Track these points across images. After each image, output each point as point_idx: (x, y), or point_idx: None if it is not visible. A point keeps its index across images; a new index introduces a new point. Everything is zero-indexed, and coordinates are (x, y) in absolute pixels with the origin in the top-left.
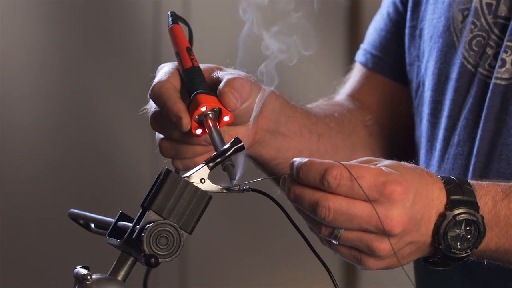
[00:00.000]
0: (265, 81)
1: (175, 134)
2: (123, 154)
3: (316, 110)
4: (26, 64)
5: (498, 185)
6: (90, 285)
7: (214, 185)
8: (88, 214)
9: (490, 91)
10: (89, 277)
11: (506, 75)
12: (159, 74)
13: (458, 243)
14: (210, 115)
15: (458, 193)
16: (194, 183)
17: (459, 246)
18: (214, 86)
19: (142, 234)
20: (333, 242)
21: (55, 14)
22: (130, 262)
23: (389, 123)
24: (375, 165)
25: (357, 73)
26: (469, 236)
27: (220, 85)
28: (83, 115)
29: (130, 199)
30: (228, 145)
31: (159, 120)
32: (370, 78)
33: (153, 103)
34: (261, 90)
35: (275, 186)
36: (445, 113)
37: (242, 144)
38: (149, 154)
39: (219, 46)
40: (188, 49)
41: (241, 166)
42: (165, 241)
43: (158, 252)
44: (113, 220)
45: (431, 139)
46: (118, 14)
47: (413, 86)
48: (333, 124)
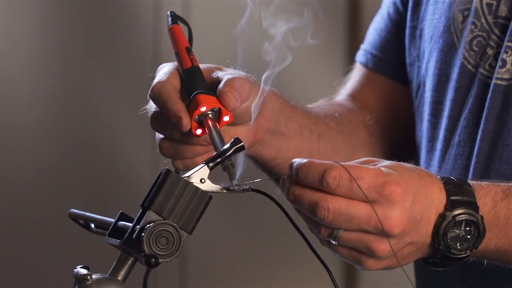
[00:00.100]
0: (273, 62)
1: (175, 134)
2: (123, 154)
3: (316, 110)
4: (26, 64)
5: (498, 185)
6: (90, 285)
7: (214, 185)
8: (88, 214)
9: (490, 92)
10: (89, 277)
11: (506, 76)
12: (159, 74)
13: (458, 244)
14: (210, 115)
15: (458, 193)
16: (194, 183)
17: (459, 247)
18: (214, 86)
19: (142, 234)
20: (332, 242)
21: (55, 14)
22: (130, 262)
23: (389, 124)
24: (375, 165)
25: (357, 73)
26: (468, 236)
27: (219, 85)
28: (83, 115)
29: (130, 199)
30: (228, 145)
31: (159, 120)
32: (371, 78)
33: (153, 103)
34: (261, 90)
35: (275, 186)
36: (445, 113)
37: (242, 144)
38: (149, 154)
39: (219, 46)
40: (187, 49)
41: (241, 166)
42: (165, 241)
43: (158, 252)
44: (113, 220)
45: (432, 140)
46: (118, 14)
47: (413, 86)
48: (333, 124)
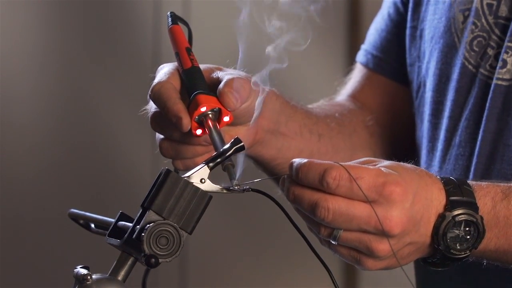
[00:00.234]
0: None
1: (175, 135)
2: (123, 154)
3: (316, 110)
4: (26, 64)
5: (498, 185)
6: (90, 285)
7: (214, 185)
8: (88, 214)
9: (491, 92)
10: (89, 277)
11: (507, 76)
12: (159, 74)
13: (458, 244)
14: (210, 115)
15: (458, 193)
16: (194, 183)
17: (459, 247)
18: (214, 86)
19: (142, 234)
20: (332, 242)
21: (55, 14)
22: (130, 262)
23: (390, 124)
24: (375, 165)
25: (358, 73)
26: (468, 236)
27: (220, 85)
28: (83, 115)
29: (130, 199)
30: (228, 145)
31: (159, 120)
32: (371, 78)
33: (153, 104)
34: (261, 90)
35: (275, 186)
36: (446, 113)
37: (242, 144)
38: (149, 154)
39: (219, 46)
40: (187, 49)
41: (241, 166)
42: (165, 241)
43: (158, 252)
44: (113, 220)
45: (432, 140)
46: (118, 14)
47: (414, 86)
48: (333, 124)
